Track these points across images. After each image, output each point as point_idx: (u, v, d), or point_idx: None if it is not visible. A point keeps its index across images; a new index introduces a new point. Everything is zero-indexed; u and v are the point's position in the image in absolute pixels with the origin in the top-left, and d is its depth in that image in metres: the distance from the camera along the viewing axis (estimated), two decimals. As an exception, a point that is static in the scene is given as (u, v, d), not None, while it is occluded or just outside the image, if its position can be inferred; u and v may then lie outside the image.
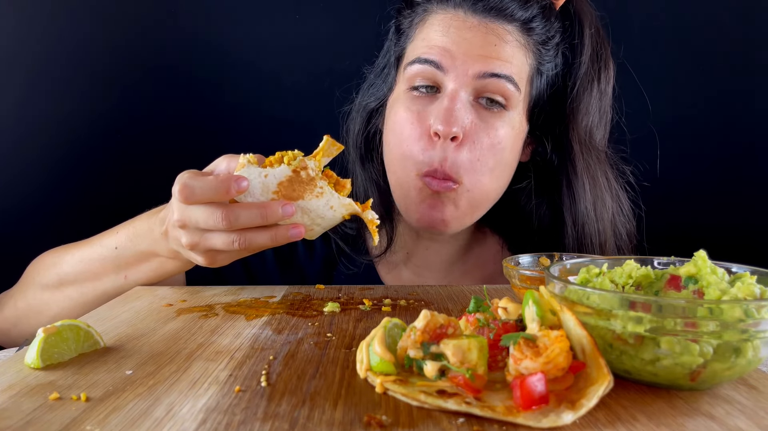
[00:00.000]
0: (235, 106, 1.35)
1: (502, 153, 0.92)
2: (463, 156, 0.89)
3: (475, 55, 0.89)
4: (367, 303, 0.77)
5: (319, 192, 0.71)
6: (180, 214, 0.73)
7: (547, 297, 0.50)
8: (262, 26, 1.33)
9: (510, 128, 0.93)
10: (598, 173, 0.99)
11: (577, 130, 0.98)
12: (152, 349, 0.59)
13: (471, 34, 0.90)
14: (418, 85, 0.92)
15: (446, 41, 0.91)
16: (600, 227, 0.98)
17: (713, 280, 0.52)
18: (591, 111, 0.98)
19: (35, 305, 0.95)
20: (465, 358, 0.46)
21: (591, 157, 0.98)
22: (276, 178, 0.70)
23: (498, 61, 0.90)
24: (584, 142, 0.98)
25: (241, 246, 0.72)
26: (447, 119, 0.87)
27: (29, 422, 0.43)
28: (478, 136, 0.90)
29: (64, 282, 0.92)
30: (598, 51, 0.99)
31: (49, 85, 1.30)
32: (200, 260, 0.77)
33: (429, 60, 0.91)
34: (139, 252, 0.86)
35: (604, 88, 1.00)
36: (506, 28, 0.91)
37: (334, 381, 0.51)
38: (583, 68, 0.97)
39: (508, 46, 0.91)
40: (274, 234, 0.72)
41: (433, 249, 1.05)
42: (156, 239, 0.83)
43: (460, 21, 0.91)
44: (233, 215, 0.70)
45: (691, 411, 0.45)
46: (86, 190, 1.32)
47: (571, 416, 0.41)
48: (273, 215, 0.70)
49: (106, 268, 0.89)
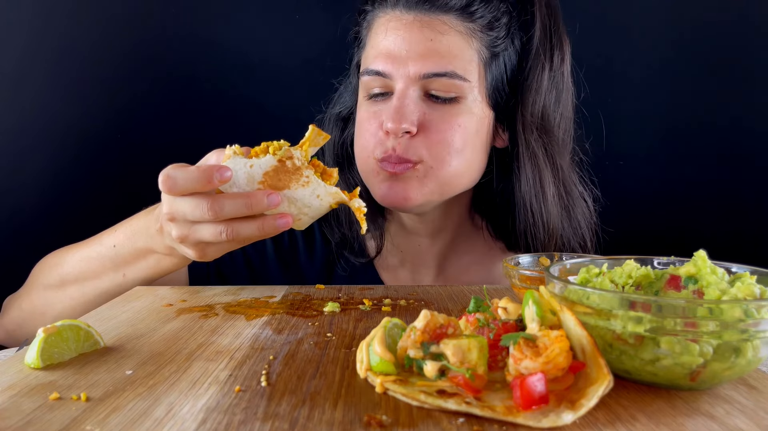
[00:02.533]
0: (236, 106, 1.35)
1: (465, 135, 0.92)
2: (417, 143, 0.90)
3: (414, 55, 0.89)
4: (367, 303, 0.77)
5: (305, 181, 0.70)
6: (168, 206, 0.73)
7: (547, 297, 0.50)
8: (262, 26, 1.33)
9: (469, 115, 0.92)
10: (542, 154, 0.96)
11: (524, 111, 0.95)
12: (152, 349, 0.59)
13: (407, 33, 0.90)
14: (373, 93, 0.94)
15: (387, 45, 0.91)
16: (543, 208, 0.97)
17: (713, 280, 0.52)
18: (542, 90, 0.95)
19: (39, 305, 0.95)
20: (465, 358, 0.46)
21: (536, 137, 0.96)
22: (261, 168, 0.70)
23: (436, 58, 0.89)
24: (530, 124, 0.95)
25: (228, 237, 0.71)
26: (395, 117, 0.88)
27: (29, 422, 0.43)
28: (434, 125, 0.90)
29: (66, 282, 0.92)
30: (550, 27, 0.97)
31: (51, 89, 1.30)
32: (191, 253, 0.77)
33: (374, 70, 0.92)
34: (136, 249, 0.86)
35: (557, 66, 0.97)
36: (442, 18, 0.90)
37: (334, 381, 0.51)
38: (534, 45, 0.95)
39: (445, 38, 0.90)
40: (261, 225, 0.71)
41: (425, 245, 1.06)
42: (152, 235, 0.83)
43: (396, 20, 0.92)
44: (218, 205, 0.69)
45: (691, 411, 0.45)
46: (90, 191, 1.32)
47: (571, 416, 0.41)
48: (258, 204, 0.69)
49: (105, 267, 0.89)
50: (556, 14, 0.98)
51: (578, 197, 1.02)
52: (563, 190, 0.99)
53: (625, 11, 1.36)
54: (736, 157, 1.38)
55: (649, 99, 1.37)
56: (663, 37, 1.36)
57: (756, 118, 1.36)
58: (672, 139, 1.38)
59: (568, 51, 1.00)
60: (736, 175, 1.38)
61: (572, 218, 1.01)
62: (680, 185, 1.39)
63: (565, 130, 1.01)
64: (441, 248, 1.06)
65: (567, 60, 1.00)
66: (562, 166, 0.99)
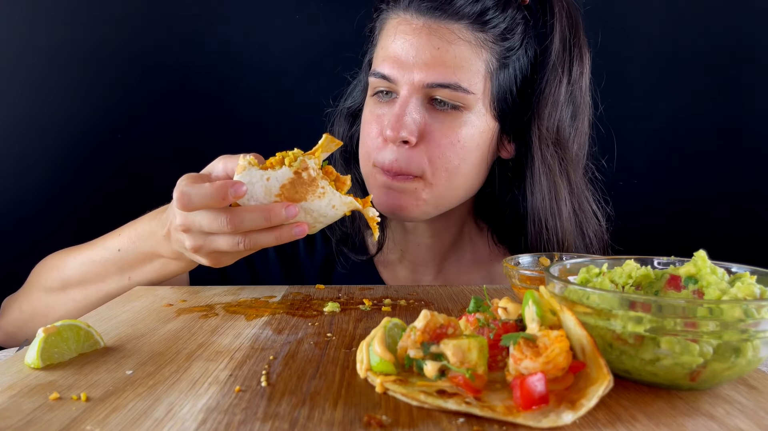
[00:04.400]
0: (236, 106, 1.35)
1: (464, 151, 0.91)
2: (419, 155, 0.89)
3: (420, 63, 0.88)
4: (367, 303, 0.77)
5: (321, 192, 0.71)
6: (182, 219, 0.73)
7: (547, 297, 0.50)
8: (262, 26, 1.33)
9: (471, 127, 0.91)
10: (557, 169, 0.95)
11: (540, 123, 0.94)
12: (152, 349, 0.59)
13: (415, 39, 0.89)
14: (378, 91, 0.94)
15: (395, 49, 0.91)
16: (558, 224, 0.96)
17: (713, 280, 0.52)
18: (559, 103, 0.94)
19: (40, 308, 0.95)
20: (465, 358, 0.46)
21: (552, 152, 0.95)
22: (278, 181, 0.70)
23: (441, 68, 0.88)
24: (545, 137, 0.94)
25: (246, 248, 0.72)
26: (394, 125, 0.88)
27: (29, 422, 0.43)
28: (434, 137, 0.89)
29: (68, 285, 0.92)
30: (570, 39, 0.95)
31: (49, 88, 1.30)
32: (204, 261, 0.77)
33: (381, 73, 0.92)
34: (142, 253, 0.87)
35: (576, 79, 0.96)
36: (452, 27, 0.89)
37: (334, 381, 0.51)
38: (552, 57, 0.93)
39: (453, 48, 0.88)
40: (279, 234, 0.72)
41: (425, 245, 1.06)
42: (159, 240, 0.83)
43: (406, 24, 0.91)
44: (238, 219, 0.70)
45: (691, 411, 0.45)
46: (90, 190, 1.32)
47: (571, 416, 0.41)
48: (277, 218, 0.70)
49: (109, 270, 0.89)
50: (577, 25, 0.96)
51: (591, 216, 1.00)
52: (578, 206, 0.98)
53: (624, 11, 1.36)
54: (736, 157, 1.38)
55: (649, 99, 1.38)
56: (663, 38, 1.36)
57: (757, 118, 1.36)
58: (672, 138, 1.38)
59: (588, 64, 0.98)
60: (736, 175, 1.38)
61: (585, 236, 1.00)
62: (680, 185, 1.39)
63: (580, 145, 0.99)
64: (441, 249, 1.06)
65: (586, 73, 0.98)
66: (578, 182, 0.98)
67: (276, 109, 1.34)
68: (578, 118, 0.97)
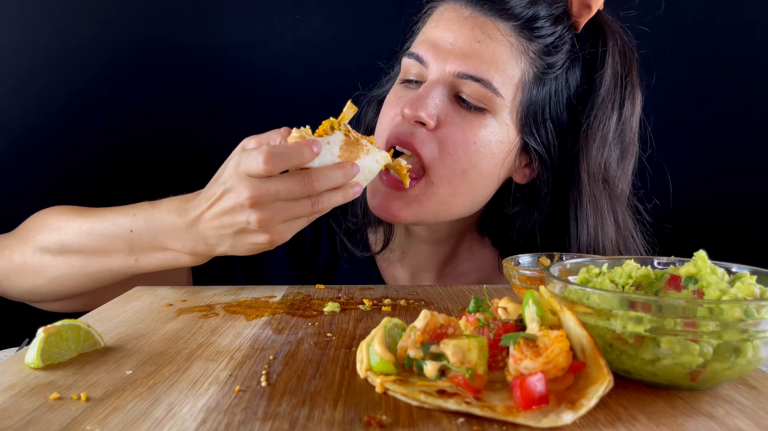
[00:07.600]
0: (235, 106, 1.35)
1: (477, 156, 0.88)
2: (433, 144, 0.87)
3: (456, 52, 0.86)
4: (367, 303, 0.77)
5: (367, 149, 0.76)
6: (255, 190, 0.72)
7: (547, 297, 0.50)
8: (262, 26, 1.33)
9: (490, 133, 0.88)
10: (605, 208, 0.92)
11: (588, 159, 0.91)
12: (152, 349, 0.59)
13: (458, 27, 0.88)
14: (407, 78, 0.93)
15: (435, 33, 0.89)
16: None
17: (713, 280, 0.52)
18: (608, 141, 0.91)
19: (32, 264, 0.91)
20: (465, 358, 0.46)
21: (600, 190, 0.92)
22: (336, 144, 0.74)
23: (477, 61, 0.86)
24: (594, 174, 0.91)
25: (321, 208, 0.74)
26: (415, 103, 0.86)
27: (29, 422, 0.43)
28: (451, 130, 0.87)
29: (67, 250, 0.88)
30: (623, 76, 0.92)
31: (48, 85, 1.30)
32: (264, 239, 0.76)
33: (415, 54, 0.90)
34: (156, 242, 0.83)
35: (627, 118, 0.93)
36: (498, 25, 0.87)
37: (334, 381, 0.51)
38: (602, 90, 0.90)
39: (493, 45, 0.86)
40: (345, 193, 0.75)
41: (426, 250, 1.05)
42: (178, 235, 0.80)
43: (452, 11, 0.90)
44: (320, 178, 0.72)
45: (691, 411, 0.45)
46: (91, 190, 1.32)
47: (571, 416, 0.41)
48: (350, 173, 0.74)
49: (117, 247, 0.86)
50: (631, 64, 0.94)
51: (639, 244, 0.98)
52: (623, 244, 0.95)
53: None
54: (736, 157, 1.38)
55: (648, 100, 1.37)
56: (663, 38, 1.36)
57: (757, 119, 1.36)
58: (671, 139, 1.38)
59: (639, 104, 0.96)
60: (736, 175, 1.38)
61: None
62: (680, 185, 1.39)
63: (627, 184, 0.97)
64: (442, 255, 1.06)
65: (637, 113, 0.95)
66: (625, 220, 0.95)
67: (275, 109, 1.34)
68: (626, 159, 0.95)
